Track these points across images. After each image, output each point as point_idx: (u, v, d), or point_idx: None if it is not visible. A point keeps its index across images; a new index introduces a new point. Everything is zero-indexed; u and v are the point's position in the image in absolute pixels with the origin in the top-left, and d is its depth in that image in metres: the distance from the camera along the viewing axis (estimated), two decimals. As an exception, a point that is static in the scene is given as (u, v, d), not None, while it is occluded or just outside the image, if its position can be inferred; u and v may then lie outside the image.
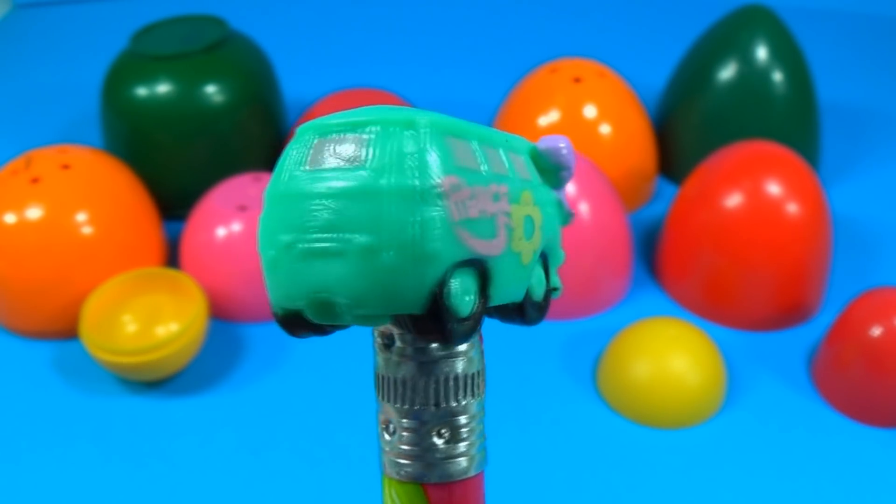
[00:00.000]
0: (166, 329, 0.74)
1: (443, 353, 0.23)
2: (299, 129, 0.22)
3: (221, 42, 0.90)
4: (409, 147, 0.20)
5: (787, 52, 0.91)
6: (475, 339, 0.24)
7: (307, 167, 0.21)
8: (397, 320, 0.21)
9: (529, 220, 0.24)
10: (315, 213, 0.20)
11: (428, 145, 0.21)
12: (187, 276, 0.76)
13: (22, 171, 0.77)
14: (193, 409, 0.72)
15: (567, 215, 0.28)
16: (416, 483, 0.24)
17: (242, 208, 0.79)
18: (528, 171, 0.25)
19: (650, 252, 0.87)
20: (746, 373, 0.74)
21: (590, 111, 0.88)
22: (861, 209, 0.93)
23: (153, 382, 0.74)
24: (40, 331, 0.78)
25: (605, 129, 0.89)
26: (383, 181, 0.20)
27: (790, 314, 0.78)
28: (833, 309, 0.76)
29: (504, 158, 0.24)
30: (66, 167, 0.78)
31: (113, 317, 0.74)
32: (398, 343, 0.23)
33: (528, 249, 0.24)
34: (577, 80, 0.90)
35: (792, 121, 0.93)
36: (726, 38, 0.93)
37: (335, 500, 0.64)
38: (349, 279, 0.20)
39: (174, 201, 0.88)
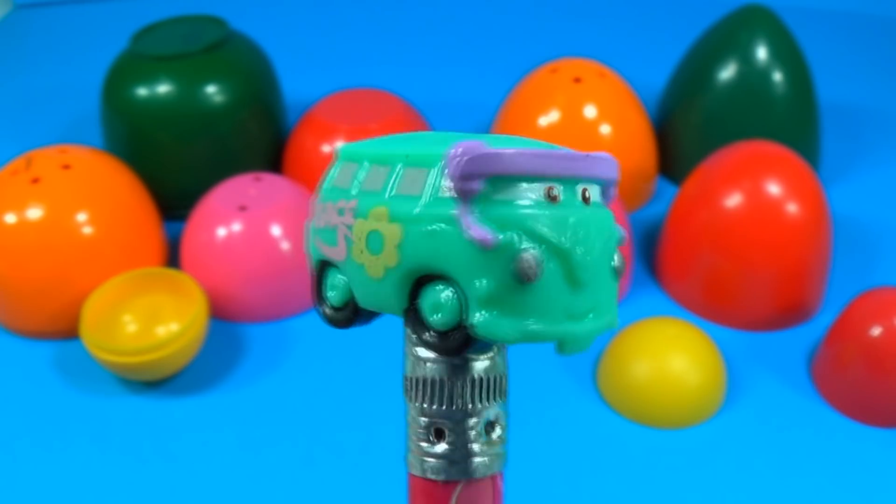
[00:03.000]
0: (166, 329, 0.74)
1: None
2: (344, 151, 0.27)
3: (221, 42, 0.90)
4: None
5: (787, 52, 0.91)
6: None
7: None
8: None
9: (376, 234, 0.24)
10: None
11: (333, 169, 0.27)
12: (187, 276, 0.76)
13: (22, 171, 0.77)
14: (193, 409, 0.72)
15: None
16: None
17: (242, 208, 0.79)
18: (416, 187, 0.24)
19: (650, 252, 0.87)
20: (746, 373, 0.74)
21: (590, 111, 0.88)
22: (861, 209, 0.93)
23: (153, 382, 0.74)
24: (40, 331, 0.78)
25: (605, 129, 0.89)
26: None
27: (790, 314, 0.79)
28: (833, 309, 0.76)
29: (383, 176, 0.25)
30: (66, 167, 0.78)
31: (113, 317, 0.74)
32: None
33: (376, 264, 0.24)
34: (577, 80, 0.89)
35: (792, 121, 0.93)
36: (726, 38, 0.93)
37: (335, 500, 0.65)
38: None
39: (174, 201, 0.88)
